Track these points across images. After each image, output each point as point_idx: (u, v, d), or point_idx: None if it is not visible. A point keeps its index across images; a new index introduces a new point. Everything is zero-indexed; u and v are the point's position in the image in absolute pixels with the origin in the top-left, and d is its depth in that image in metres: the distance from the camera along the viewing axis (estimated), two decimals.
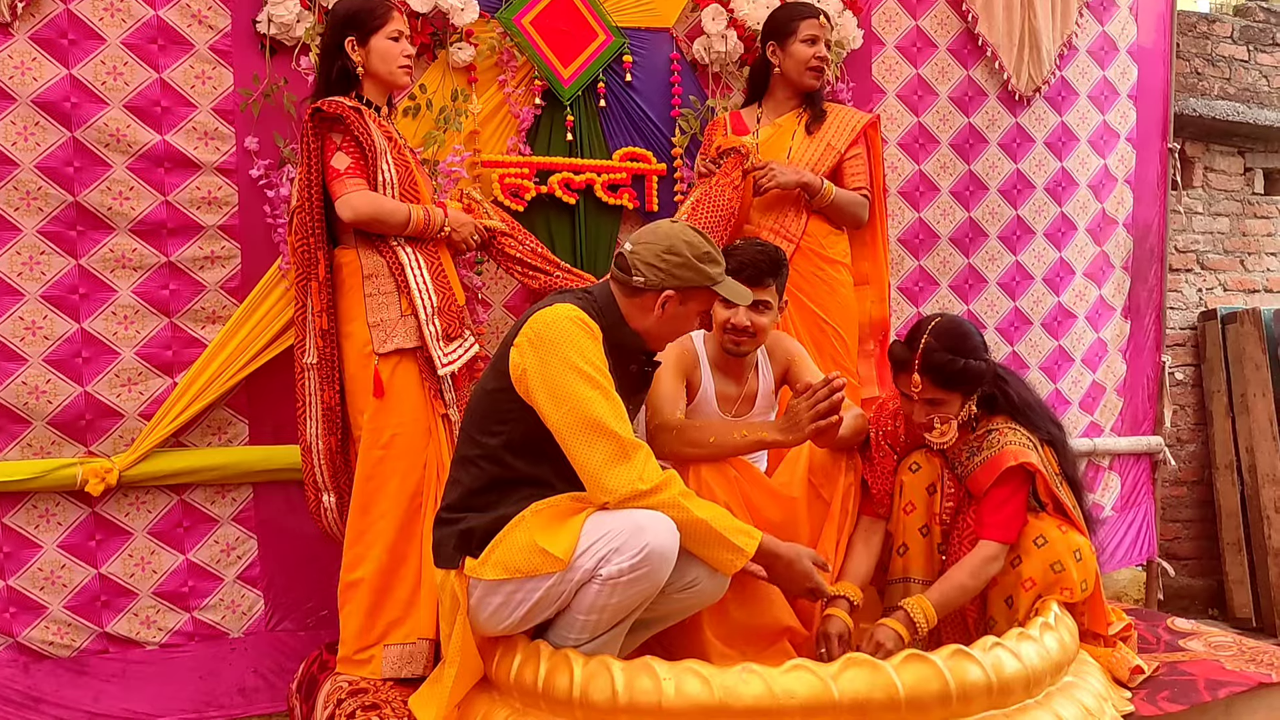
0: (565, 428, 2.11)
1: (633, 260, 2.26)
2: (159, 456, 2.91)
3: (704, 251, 2.26)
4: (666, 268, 2.23)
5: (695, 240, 2.27)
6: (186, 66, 2.91)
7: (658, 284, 2.24)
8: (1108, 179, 4.09)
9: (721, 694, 1.96)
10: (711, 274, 2.27)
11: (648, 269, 2.24)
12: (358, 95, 2.70)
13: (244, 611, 3.06)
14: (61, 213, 2.82)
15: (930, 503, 2.53)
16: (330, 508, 2.73)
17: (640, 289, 2.26)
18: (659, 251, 2.24)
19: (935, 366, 2.43)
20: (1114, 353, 4.17)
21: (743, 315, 2.58)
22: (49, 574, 2.86)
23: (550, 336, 2.14)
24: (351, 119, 2.59)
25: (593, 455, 2.09)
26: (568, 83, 3.29)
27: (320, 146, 2.61)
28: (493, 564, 2.13)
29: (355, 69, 2.67)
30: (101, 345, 2.88)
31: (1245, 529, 4.85)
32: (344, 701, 2.39)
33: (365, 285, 2.64)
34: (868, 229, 3.28)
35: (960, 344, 2.45)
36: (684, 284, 2.25)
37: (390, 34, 2.68)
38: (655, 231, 2.29)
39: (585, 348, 2.14)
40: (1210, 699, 2.42)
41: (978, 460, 2.51)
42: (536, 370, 2.13)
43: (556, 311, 2.19)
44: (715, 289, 2.30)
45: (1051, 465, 2.51)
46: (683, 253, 2.24)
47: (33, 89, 2.77)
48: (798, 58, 3.12)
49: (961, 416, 2.50)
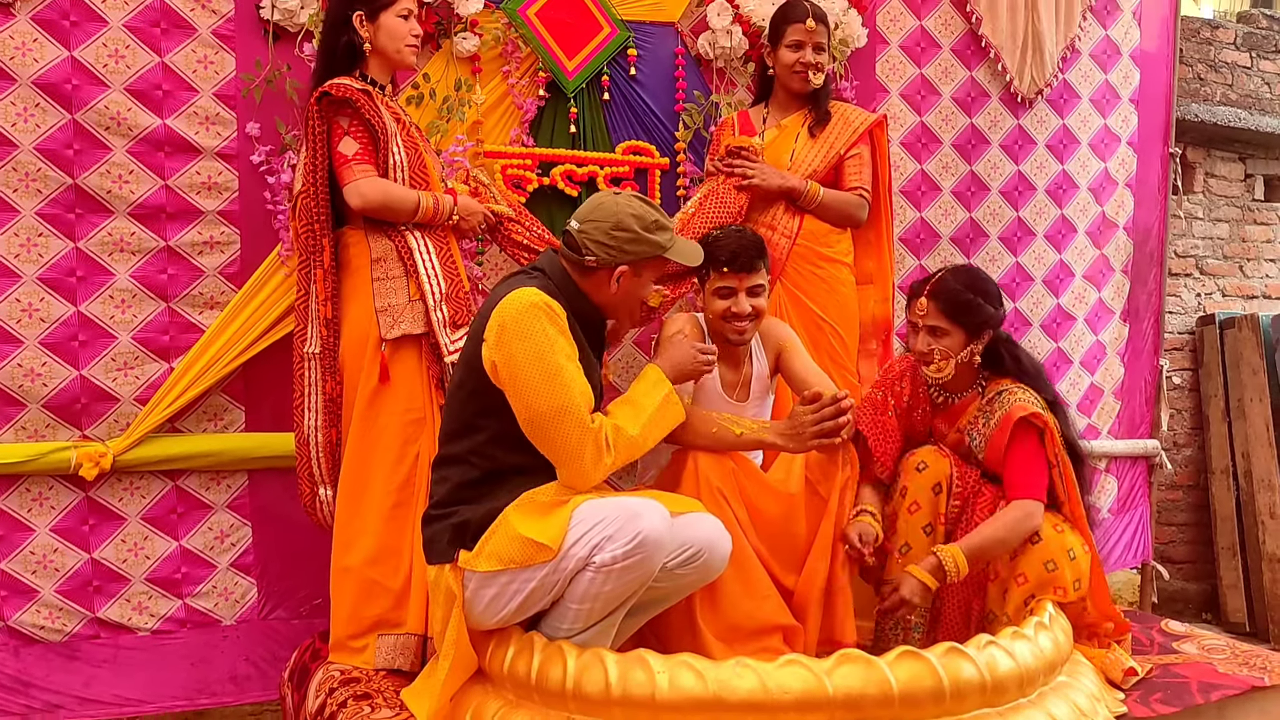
0: (528, 420, 2.16)
1: (581, 240, 2.26)
2: (154, 442, 2.90)
3: (651, 221, 2.27)
4: (616, 244, 2.24)
5: (641, 211, 2.27)
6: (189, 50, 2.90)
7: (610, 261, 2.25)
8: (1108, 182, 4.10)
9: (715, 688, 1.95)
10: (661, 241, 2.28)
11: (598, 248, 2.24)
12: (362, 74, 2.67)
13: (237, 599, 3.05)
14: (60, 195, 2.81)
15: (936, 502, 2.52)
16: (326, 501, 2.70)
17: (593, 268, 2.27)
18: (607, 229, 2.24)
19: (944, 293, 2.51)
20: (1112, 356, 4.17)
21: (744, 302, 2.58)
22: (41, 558, 2.85)
23: (515, 330, 2.14)
24: (362, 102, 2.56)
25: (565, 443, 2.15)
26: (572, 75, 3.28)
27: (327, 131, 2.58)
28: (486, 555, 2.13)
29: (362, 45, 2.64)
30: (98, 328, 2.87)
31: (1240, 534, 4.86)
32: (336, 690, 2.38)
33: (373, 269, 2.62)
34: (872, 228, 3.27)
35: (975, 283, 2.55)
36: (637, 257, 2.27)
37: (400, 11, 2.65)
38: (601, 208, 2.28)
39: (548, 334, 2.15)
40: (1203, 701, 2.41)
41: (993, 422, 2.53)
42: (504, 363, 2.14)
43: (520, 298, 2.17)
44: (667, 255, 2.31)
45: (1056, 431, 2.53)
46: (631, 227, 2.24)
47: (33, 70, 2.75)
48: (783, 62, 3.13)
49: (963, 357, 2.53)
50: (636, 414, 2.28)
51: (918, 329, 2.56)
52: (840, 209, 3.13)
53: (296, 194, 2.68)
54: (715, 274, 2.61)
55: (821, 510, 2.47)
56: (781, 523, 2.46)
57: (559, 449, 2.16)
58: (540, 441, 2.17)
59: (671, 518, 2.11)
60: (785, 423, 2.45)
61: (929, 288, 2.55)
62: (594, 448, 2.16)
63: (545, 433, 2.15)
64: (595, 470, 2.18)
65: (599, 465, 2.18)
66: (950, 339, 2.52)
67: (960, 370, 2.57)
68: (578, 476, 2.17)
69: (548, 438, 2.15)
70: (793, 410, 2.46)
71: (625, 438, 2.22)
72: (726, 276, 2.58)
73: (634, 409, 2.30)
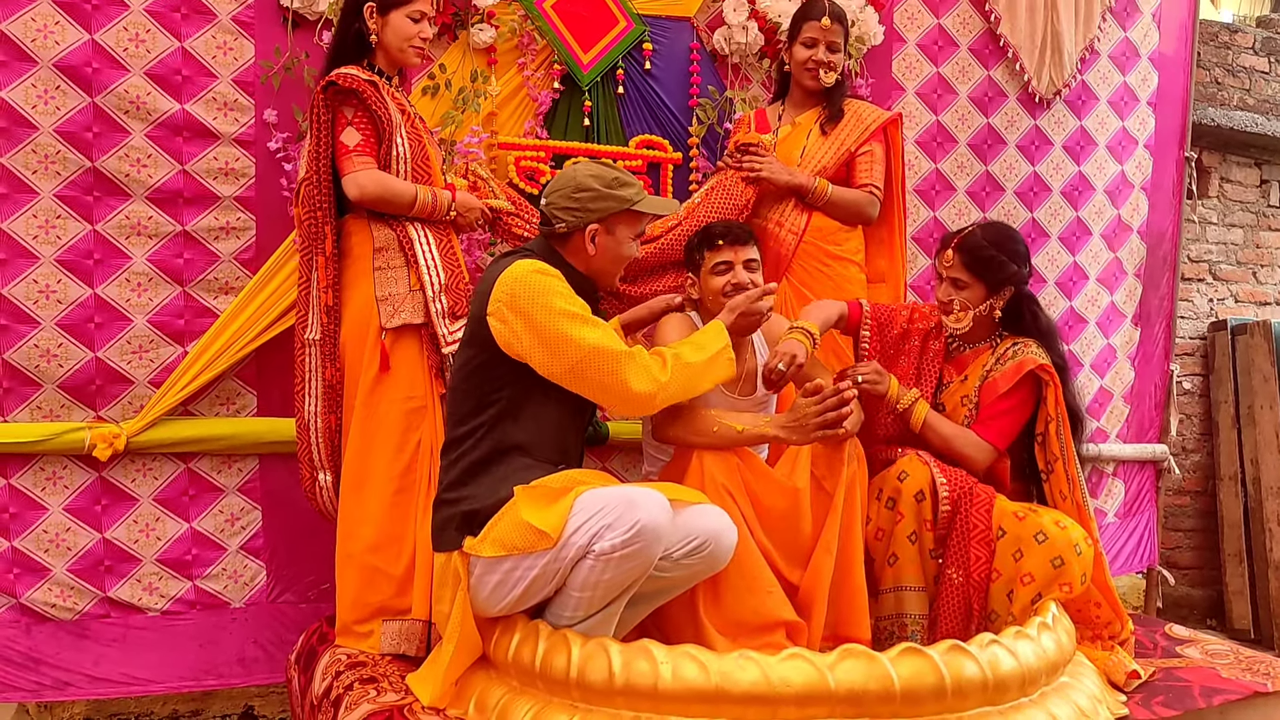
0: (569, 370, 2.21)
1: (549, 210, 2.36)
2: (167, 424, 2.93)
3: (612, 178, 2.36)
4: (580, 205, 2.33)
5: (600, 171, 2.37)
6: (208, 36, 2.92)
7: (579, 223, 2.34)
8: (1124, 185, 4.08)
9: (718, 679, 1.97)
10: (626, 195, 2.36)
11: (564, 212, 2.34)
12: (370, 64, 2.69)
13: (246, 582, 3.08)
14: (79, 177, 2.83)
15: (919, 510, 2.53)
16: (326, 486, 2.72)
17: (566, 234, 2.35)
18: (568, 193, 2.34)
19: (970, 247, 2.61)
20: (1123, 359, 4.17)
21: (741, 273, 2.62)
22: (54, 536, 2.88)
23: (525, 293, 2.21)
24: (368, 93, 2.58)
25: (606, 380, 2.21)
26: (587, 68, 3.29)
27: (331, 120, 2.60)
28: (490, 541, 2.15)
29: (369, 36, 2.66)
30: (114, 311, 2.89)
31: (1247, 541, 4.85)
32: (342, 674, 2.40)
33: (375, 258, 2.64)
34: (885, 227, 3.26)
35: (1003, 240, 2.64)
36: (603, 214, 2.34)
37: (412, 13, 2.67)
38: (562, 177, 2.39)
39: (558, 290, 2.23)
40: (1205, 705, 2.42)
41: (1004, 366, 2.62)
42: (524, 329, 2.20)
43: (519, 269, 2.25)
44: (636, 209, 2.37)
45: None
46: (591, 186, 2.33)
47: (54, 53, 2.78)
48: (797, 58, 3.14)
49: (981, 310, 2.64)
50: (697, 350, 2.36)
51: (942, 279, 2.66)
52: (850, 206, 3.13)
53: (300, 180, 2.70)
54: (710, 252, 2.66)
55: (827, 506, 2.47)
56: (786, 518, 2.46)
57: (609, 386, 2.23)
58: (586, 387, 2.24)
59: (675, 508, 2.13)
60: (788, 415, 2.46)
61: (957, 240, 2.65)
62: (640, 369, 2.24)
63: (588, 376, 2.21)
64: (654, 389, 2.25)
65: (655, 384, 2.24)
66: (970, 291, 2.63)
67: (978, 322, 2.67)
68: (636, 401, 2.25)
69: (592, 380, 2.22)
70: (795, 402, 2.47)
71: (683, 363, 2.30)
72: (722, 250, 2.64)
73: (695, 346, 2.37)
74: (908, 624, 2.53)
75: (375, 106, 2.59)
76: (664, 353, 2.33)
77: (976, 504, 2.50)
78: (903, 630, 2.53)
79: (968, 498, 2.52)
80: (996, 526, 2.49)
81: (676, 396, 2.32)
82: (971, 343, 2.74)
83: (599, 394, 2.27)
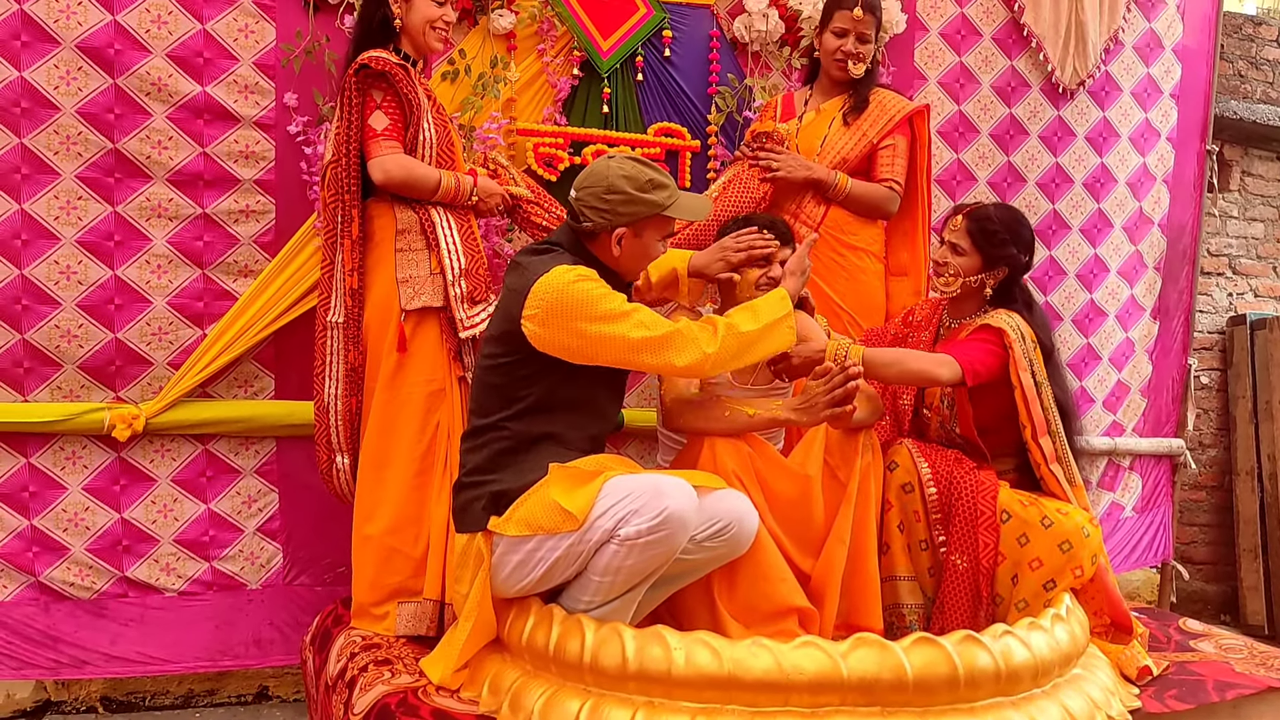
0: (615, 361, 2.23)
1: (579, 207, 2.32)
2: (185, 406, 2.95)
3: (646, 180, 2.29)
4: (610, 207, 2.28)
5: (634, 172, 2.29)
6: (230, 19, 2.92)
7: (606, 225, 2.30)
8: (1146, 177, 4.06)
9: (731, 666, 1.98)
10: (659, 200, 2.30)
11: (594, 213, 2.29)
12: (396, 49, 2.70)
13: (262, 564, 3.10)
14: (100, 159, 2.85)
15: (906, 501, 2.55)
16: (343, 469, 2.74)
17: (593, 232, 2.32)
18: (599, 193, 2.28)
19: (976, 219, 2.69)
20: (1141, 353, 4.14)
21: (777, 270, 2.60)
22: (72, 515, 2.91)
23: (569, 304, 2.17)
24: (399, 76, 2.59)
25: (654, 363, 2.22)
26: (606, 55, 3.28)
27: (361, 103, 2.61)
28: (516, 521, 2.16)
29: (393, 20, 2.67)
30: (134, 293, 2.91)
31: (1263, 536, 4.82)
32: (357, 655, 2.42)
33: (397, 240, 2.65)
34: (908, 219, 3.23)
35: (1011, 221, 2.71)
36: (633, 218, 2.29)
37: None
38: (594, 173, 2.32)
39: (597, 294, 2.20)
40: (1218, 700, 2.41)
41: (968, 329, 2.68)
42: (569, 336, 2.18)
43: (558, 278, 2.20)
44: (668, 213, 2.33)
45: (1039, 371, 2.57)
46: (623, 189, 2.27)
47: (77, 33, 2.79)
48: (826, 47, 3.13)
49: (972, 281, 2.70)
50: (754, 317, 2.33)
51: (943, 242, 2.74)
52: (869, 201, 3.11)
53: (326, 163, 2.71)
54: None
55: (840, 495, 2.48)
56: (798, 505, 2.47)
57: (657, 367, 2.25)
58: (643, 369, 2.28)
59: (699, 494, 2.14)
60: (797, 399, 2.47)
61: (969, 209, 2.74)
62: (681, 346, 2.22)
63: (635, 363, 2.23)
64: (699, 360, 2.23)
65: (701, 355, 2.23)
66: (966, 259, 2.69)
67: (967, 292, 2.72)
68: (685, 373, 2.28)
69: (640, 364, 2.24)
70: (805, 386, 2.48)
71: (736, 332, 2.28)
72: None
73: (752, 313, 2.34)
74: (905, 614, 2.55)
75: (405, 90, 2.60)
76: (717, 322, 2.30)
77: (982, 491, 2.50)
78: (901, 620, 2.54)
79: (968, 485, 2.51)
80: (1001, 512, 2.49)
81: (729, 364, 2.30)
82: (959, 317, 2.77)
83: (650, 371, 2.34)
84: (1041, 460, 2.56)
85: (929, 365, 2.53)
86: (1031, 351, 2.57)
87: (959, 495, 2.52)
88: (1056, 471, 2.56)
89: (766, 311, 2.35)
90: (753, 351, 2.32)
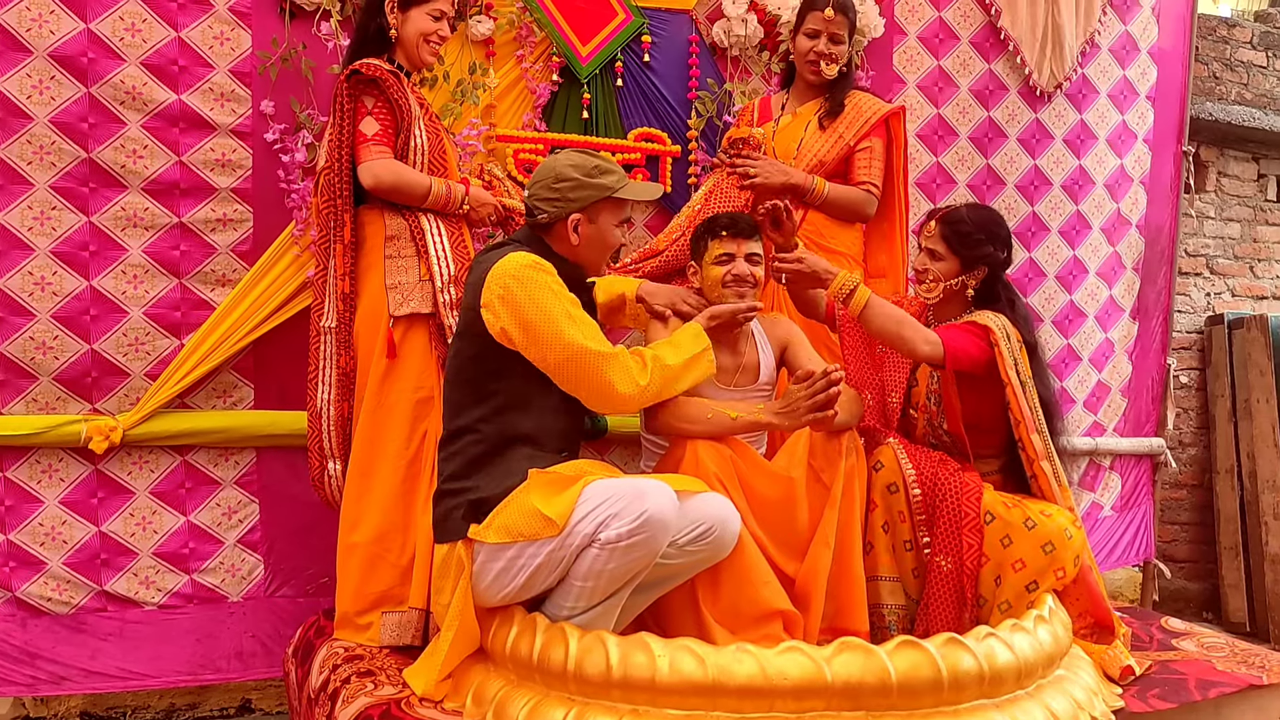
0: (558, 365, 2.24)
1: (532, 202, 2.39)
2: (163, 417, 2.92)
3: (593, 166, 2.37)
4: (560, 194, 2.34)
5: (580, 160, 2.38)
6: (205, 26, 2.90)
7: (561, 213, 2.35)
8: (1124, 179, 4.08)
9: (715, 673, 1.97)
10: (607, 183, 2.36)
11: (546, 204, 2.36)
12: (390, 59, 2.71)
13: (243, 576, 3.08)
14: (74, 169, 2.82)
15: (891, 502, 2.55)
16: (335, 475, 2.73)
17: (549, 224, 2.37)
18: (549, 183, 2.36)
19: (950, 222, 2.68)
20: (1120, 353, 4.17)
21: (742, 265, 2.63)
22: (49, 530, 2.88)
23: (518, 288, 2.23)
24: (390, 83, 2.61)
25: (592, 379, 2.25)
26: (585, 60, 3.28)
27: (353, 109, 2.62)
28: (496, 528, 2.16)
29: (389, 31, 2.69)
30: (110, 303, 2.88)
31: (1243, 534, 4.86)
32: (340, 667, 2.40)
33: (386, 247, 2.66)
34: (886, 221, 3.24)
35: (985, 221, 2.70)
36: (584, 202, 2.35)
37: (433, 11, 2.71)
38: (542, 168, 2.41)
39: (549, 285, 2.25)
40: (1200, 699, 2.42)
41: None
42: (516, 323, 2.22)
43: (512, 263, 2.26)
44: (617, 195, 2.38)
45: (1024, 368, 2.58)
46: (571, 175, 2.34)
47: (49, 42, 2.76)
48: (799, 49, 3.14)
49: (953, 284, 2.69)
50: (676, 352, 2.41)
51: (921, 249, 2.73)
52: (847, 204, 3.11)
53: (320, 170, 2.71)
54: (714, 241, 2.67)
55: (824, 498, 2.47)
56: (781, 508, 2.46)
57: (594, 384, 2.26)
58: (571, 384, 2.27)
59: (680, 498, 2.15)
60: (780, 402, 2.48)
61: (942, 213, 2.73)
62: (622, 371, 2.28)
63: (574, 374, 2.25)
64: (634, 392, 2.29)
65: (636, 387, 2.29)
66: (945, 264, 2.69)
67: (949, 296, 2.71)
68: (617, 401, 2.29)
69: (578, 377, 2.25)
70: (787, 389, 2.49)
71: (662, 365, 2.36)
72: (725, 241, 2.65)
73: (674, 348, 2.42)
74: (885, 614, 2.55)
75: (396, 96, 2.61)
76: (644, 354, 2.37)
77: (967, 492, 2.51)
78: (881, 620, 2.54)
79: (953, 486, 2.52)
80: (985, 513, 2.50)
81: (655, 398, 2.37)
82: (942, 320, 2.76)
83: (583, 390, 2.29)
84: (1034, 456, 2.57)
85: (914, 336, 2.54)
86: (1017, 350, 2.58)
87: (944, 497, 2.52)
88: (1046, 469, 2.57)
89: (687, 345, 2.43)
90: (675, 387, 2.40)
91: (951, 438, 2.69)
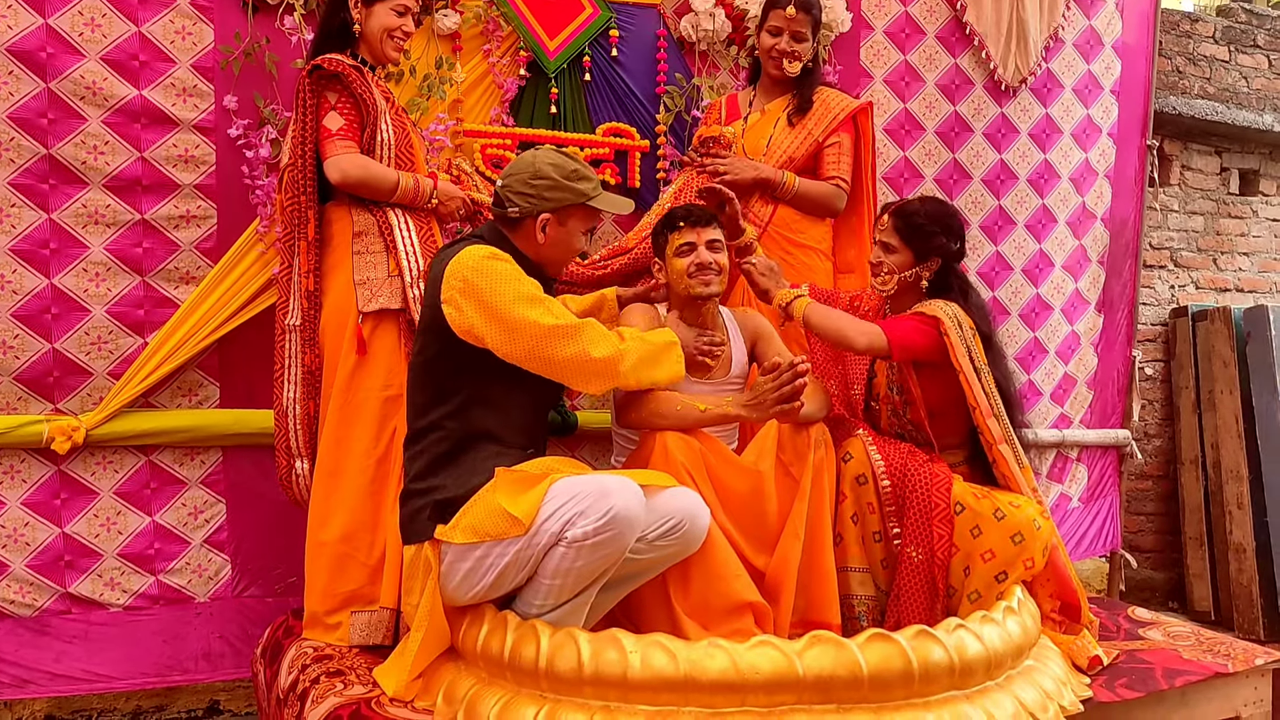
0: (529, 351, 2.20)
1: (504, 194, 2.35)
2: (128, 416, 2.88)
3: (571, 170, 2.35)
4: (536, 192, 2.32)
5: (560, 161, 2.36)
6: (166, 21, 2.86)
7: (531, 210, 2.33)
8: (1089, 173, 4.12)
9: (687, 668, 1.97)
10: (583, 189, 2.35)
11: (519, 198, 2.33)
12: (353, 53, 2.69)
13: (210, 576, 3.04)
14: (34, 165, 2.77)
15: (860, 493, 2.57)
16: (302, 474, 2.71)
17: (517, 219, 2.35)
18: (525, 179, 2.33)
19: (902, 214, 2.72)
20: (1086, 346, 4.21)
21: (704, 253, 2.63)
22: (11, 532, 2.83)
23: (479, 279, 2.20)
24: (353, 78, 2.58)
25: (567, 352, 2.21)
26: (553, 55, 3.26)
27: (316, 104, 2.59)
28: (463, 528, 2.14)
29: (353, 26, 2.66)
30: (71, 302, 2.84)
31: (1207, 524, 4.92)
32: (309, 667, 2.38)
33: (354, 243, 2.64)
34: (854, 216, 3.26)
35: (936, 213, 2.73)
36: (557, 204, 2.34)
37: (396, 6, 2.68)
38: (521, 161, 2.38)
39: (511, 273, 2.23)
40: (1167, 687, 2.45)
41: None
42: (480, 315, 2.19)
43: (470, 255, 2.24)
44: (591, 204, 2.37)
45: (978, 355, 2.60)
46: (549, 175, 2.32)
47: (7, 37, 2.71)
48: (762, 46, 3.15)
49: (907, 276, 2.72)
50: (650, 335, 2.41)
51: (875, 242, 2.75)
52: (817, 199, 3.13)
53: (284, 166, 2.68)
54: (673, 234, 2.67)
55: (794, 491, 2.48)
56: (749, 501, 2.47)
57: (571, 357, 2.22)
58: (548, 366, 2.22)
59: (647, 494, 2.15)
60: (747, 394, 2.49)
61: (894, 207, 2.77)
62: (597, 335, 2.25)
63: (548, 354, 2.21)
64: (612, 353, 2.26)
65: (614, 349, 2.26)
66: (898, 256, 2.71)
67: (904, 287, 2.74)
68: (598, 368, 2.25)
69: (553, 356, 2.21)
70: (754, 382, 2.50)
71: (637, 335, 2.36)
72: (684, 231, 2.65)
73: (643, 341, 2.39)
74: (855, 605, 2.57)
75: (360, 91, 2.59)
76: (622, 330, 2.37)
77: (936, 483, 2.53)
78: (850, 611, 2.56)
79: (923, 477, 2.53)
80: (955, 504, 2.52)
81: (638, 368, 2.32)
82: (899, 311, 2.79)
83: (562, 369, 2.24)
84: (992, 440, 2.59)
85: (851, 331, 2.59)
86: (970, 338, 2.60)
87: (913, 488, 2.54)
88: (1006, 452, 2.59)
89: (660, 334, 2.44)
90: (654, 364, 2.37)
91: (915, 427, 2.71)
